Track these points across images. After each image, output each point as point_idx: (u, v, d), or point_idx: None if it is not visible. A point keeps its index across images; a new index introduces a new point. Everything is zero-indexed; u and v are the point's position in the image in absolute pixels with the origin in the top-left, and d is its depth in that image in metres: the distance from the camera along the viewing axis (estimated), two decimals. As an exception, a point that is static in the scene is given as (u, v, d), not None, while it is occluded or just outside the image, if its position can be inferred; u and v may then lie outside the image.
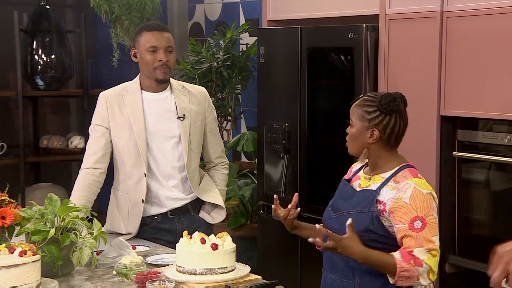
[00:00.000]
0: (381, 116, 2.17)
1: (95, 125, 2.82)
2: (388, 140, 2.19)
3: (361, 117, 2.20)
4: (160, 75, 2.76)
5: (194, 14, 5.00)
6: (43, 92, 4.69)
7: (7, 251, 2.08)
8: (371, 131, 2.18)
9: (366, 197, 2.17)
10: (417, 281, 2.08)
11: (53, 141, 4.75)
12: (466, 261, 2.91)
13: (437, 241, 2.09)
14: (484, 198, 2.91)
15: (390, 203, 2.11)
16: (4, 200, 2.39)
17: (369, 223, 2.12)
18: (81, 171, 2.81)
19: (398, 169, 2.18)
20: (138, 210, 2.78)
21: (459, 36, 2.85)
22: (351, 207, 2.19)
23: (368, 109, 2.19)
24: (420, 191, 2.11)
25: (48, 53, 4.59)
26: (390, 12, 3.11)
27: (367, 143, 2.19)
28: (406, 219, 2.08)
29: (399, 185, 2.13)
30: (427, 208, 2.09)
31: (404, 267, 2.05)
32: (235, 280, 2.20)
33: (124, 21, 4.31)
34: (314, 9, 3.53)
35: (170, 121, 2.79)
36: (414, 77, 3.04)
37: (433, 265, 2.07)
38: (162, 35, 2.75)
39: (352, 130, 2.22)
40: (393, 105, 2.18)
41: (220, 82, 4.28)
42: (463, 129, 2.93)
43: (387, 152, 2.20)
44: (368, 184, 2.21)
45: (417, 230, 2.07)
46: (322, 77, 3.48)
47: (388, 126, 2.17)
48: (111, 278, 2.31)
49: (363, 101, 2.22)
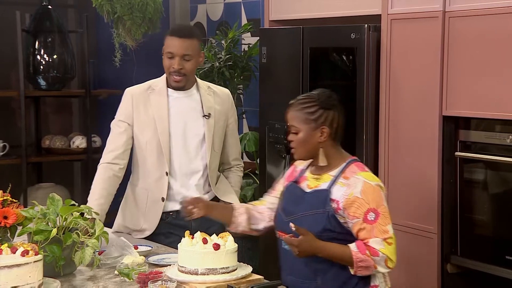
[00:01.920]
0: (325, 113, 2.22)
1: (118, 121, 2.83)
2: (335, 135, 2.24)
3: (305, 120, 2.22)
4: (172, 82, 2.79)
5: (196, 14, 5.00)
6: (45, 92, 4.69)
7: (9, 251, 2.08)
8: (320, 130, 2.22)
9: (318, 198, 2.20)
10: (375, 269, 2.14)
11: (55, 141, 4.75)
12: (468, 261, 2.91)
13: (391, 229, 2.16)
14: (486, 198, 2.90)
15: (343, 200, 2.16)
16: (6, 200, 2.39)
17: (326, 223, 2.16)
18: (100, 165, 2.80)
19: (345, 165, 2.22)
20: (158, 208, 2.79)
21: (461, 36, 2.84)
22: (304, 209, 2.21)
23: (310, 109, 2.22)
24: (370, 184, 2.16)
25: (50, 53, 4.59)
26: (392, 12, 3.11)
27: (318, 143, 2.22)
28: (360, 213, 2.14)
29: (349, 181, 2.18)
30: (378, 199, 2.15)
31: (360, 257, 2.12)
32: (237, 280, 2.20)
33: (126, 21, 4.31)
34: (316, 9, 3.53)
35: (195, 119, 2.82)
36: (416, 77, 3.03)
37: (390, 253, 2.14)
38: (181, 42, 2.74)
39: (299, 135, 2.23)
40: (331, 100, 2.24)
41: (222, 82, 4.28)
42: (465, 129, 2.93)
43: (334, 149, 2.25)
44: (317, 184, 2.24)
45: (371, 222, 2.13)
46: (324, 77, 3.48)
47: (334, 121, 2.23)
48: (113, 278, 2.31)
49: (300, 104, 2.25)
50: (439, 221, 2.98)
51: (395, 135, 3.14)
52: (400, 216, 3.12)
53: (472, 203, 2.94)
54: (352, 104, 3.23)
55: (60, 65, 4.60)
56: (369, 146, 3.21)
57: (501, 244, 2.81)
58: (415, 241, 3.07)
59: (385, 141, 3.17)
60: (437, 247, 2.98)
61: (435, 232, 2.99)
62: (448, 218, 2.97)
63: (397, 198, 3.14)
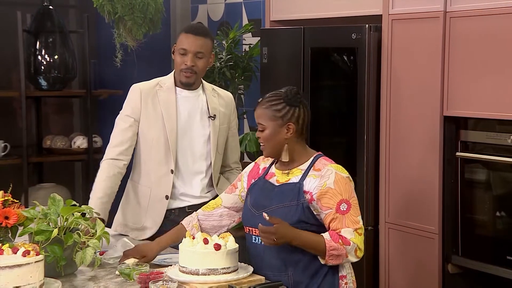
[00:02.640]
0: (292, 110, 2.28)
1: (124, 116, 2.81)
2: (301, 131, 2.30)
3: (272, 117, 2.28)
4: (183, 78, 2.78)
5: (197, 15, 5.00)
6: (46, 92, 4.69)
7: (10, 251, 2.08)
8: (286, 127, 2.28)
9: (291, 190, 2.26)
10: (346, 258, 2.20)
11: (56, 141, 4.75)
12: (469, 262, 2.91)
13: (360, 220, 2.25)
14: (487, 199, 2.90)
15: (317, 191, 2.23)
16: (8, 200, 2.39)
17: (301, 214, 2.22)
18: (104, 161, 2.79)
19: (313, 159, 2.30)
20: (161, 206, 2.78)
21: (462, 36, 2.84)
22: (277, 202, 2.26)
23: (277, 107, 2.28)
24: (341, 175, 2.24)
25: (51, 54, 4.59)
26: (393, 12, 3.11)
27: (285, 139, 2.28)
28: (332, 203, 2.21)
29: (321, 172, 2.25)
30: (349, 190, 2.24)
31: (333, 245, 2.18)
32: (238, 280, 2.20)
33: (127, 22, 4.31)
34: (317, 9, 3.53)
35: (201, 120, 2.82)
36: (417, 77, 3.03)
37: (359, 243, 2.21)
38: (195, 40, 2.75)
39: (266, 132, 2.29)
40: (298, 97, 2.30)
41: (223, 82, 4.28)
42: (466, 130, 2.92)
43: (300, 144, 2.32)
44: (287, 178, 2.30)
45: (343, 213, 2.21)
46: (325, 77, 3.48)
47: (300, 117, 2.29)
48: (114, 278, 2.31)
49: (267, 102, 2.31)
50: (440, 221, 2.98)
51: (396, 135, 3.13)
52: (401, 216, 3.12)
53: (473, 203, 2.94)
54: (353, 104, 3.23)
55: (61, 65, 4.60)
56: (370, 146, 3.21)
57: (502, 244, 2.81)
58: (416, 241, 3.07)
59: (386, 141, 3.17)
60: (438, 247, 2.98)
61: (436, 232, 2.99)
62: (449, 218, 2.97)
63: (398, 198, 3.14)
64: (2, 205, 2.36)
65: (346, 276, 2.29)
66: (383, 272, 3.21)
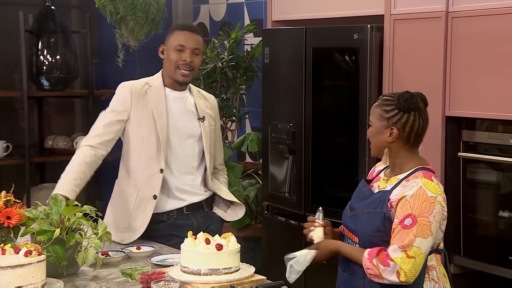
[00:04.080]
0: (399, 114, 2.17)
1: (112, 110, 2.76)
2: (407, 138, 2.18)
3: (380, 116, 2.20)
4: (180, 76, 2.75)
5: (198, 15, 5.00)
6: (48, 92, 4.70)
7: (12, 251, 2.09)
8: (390, 130, 2.18)
9: (380, 198, 2.18)
10: (384, 279, 2.08)
11: (58, 141, 4.76)
12: (471, 262, 2.91)
13: (418, 243, 2.06)
14: (489, 199, 2.90)
15: (395, 199, 2.13)
16: (10, 201, 2.40)
17: (380, 224, 2.14)
18: (83, 147, 2.72)
19: (413, 170, 2.17)
20: (149, 206, 2.74)
21: (464, 37, 2.84)
22: (364, 207, 2.20)
23: (387, 108, 2.19)
24: (425, 191, 2.10)
25: (53, 54, 4.60)
26: (395, 13, 3.11)
27: (387, 142, 2.19)
28: (400, 214, 2.10)
29: (408, 183, 2.14)
30: (424, 209, 2.08)
31: (367, 265, 2.11)
32: (239, 280, 2.20)
33: (129, 22, 4.32)
34: (319, 9, 3.53)
35: (190, 121, 2.81)
36: (419, 78, 3.03)
37: (405, 267, 2.05)
38: (192, 36, 2.75)
39: (370, 129, 2.23)
40: (411, 103, 2.17)
41: (225, 82, 4.28)
42: (468, 130, 2.92)
43: (407, 152, 2.20)
44: (385, 185, 2.22)
45: (404, 227, 2.08)
46: (327, 77, 3.48)
47: (407, 124, 2.17)
48: (116, 278, 2.31)
49: (382, 101, 2.23)
50: (442, 221, 2.98)
51: (398, 136, 3.13)
52: (403, 216, 3.12)
53: (475, 203, 2.94)
54: (354, 104, 3.23)
55: (63, 66, 4.61)
56: (372, 147, 3.20)
57: (504, 245, 2.80)
58: (418, 241, 3.06)
59: (388, 142, 3.17)
60: (440, 248, 2.98)
61: (438, 233, 2.98)
62: (451, 218, 2.95)
63: (400, 198, 3.13)
64: (4, 205, 2.37)
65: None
66: (385, 272, 3.21)
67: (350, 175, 3.21)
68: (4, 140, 4.51)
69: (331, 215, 2.45)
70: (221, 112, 4.22)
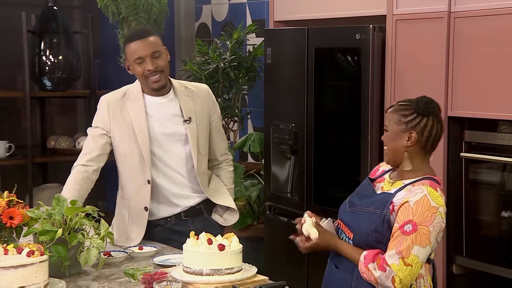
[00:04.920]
0: (419, 118, 2.13)
1: (95, 127, 2.78)
2: (425, 143, 2.14)
3: (398, 121, 2.15)
4: (153, 84, 2.71)
5: (201, 15, 5.00)
6: (50, 92, 4.71)
7: (15, 251, 2.09)
8: (408, 134, 2.14)
9: (383, 199, 2.16)
10: (378, 283, 2.07)
11: (60, 141, 4.77)
12: (473, 262, 2.90)
13: (416, 251, 2.04)
14: (491, 199, 2.90)
15: (398, 203, 2.11)
16: (12, 201, 2.40)
17: (379, 225, 2.12)
18: (74, 168, 2.75)
19: (421, 178, 2.14)
20: (142, 219, 2.74)
21: (467, 37, 2.84)
22: (366, 205, 2.19)
23: (405, 112, 2.15)
24: (429, 201, 2.07)
25: (56, 54, 4.61)
26: (397, 13, 3.11)
27: (405, 147, 2.15)
28: (401, 219, 2.07)
29: (413, 188, 2.11)
30: (425, 217, 2.05)
31: (362, 269, 2.10)
32: (242, 280, 2.20)
33: (131, 22, 4.32)
34: (321, 9, 3.53)
35: (176, 124, 2.76)
36: (421, 78, 3.03)
37: (402, 274, 2.04)
38: (144, 43, 2.69)
39: (387, 134, 2.19)
40: (430, 107, 2.14)
41: (227, 82, 4.28)
42: (470, 130, 2.92)
43: (420, 158, 2.16)
44: (389, 188, 2.19)
45: (404, 233, 2.05)
46: (329, 77, 3.48)
47: (425, 129, 2.13)
48: (118, 278, 2.32)
49: (398, 106, 2.18)
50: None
51: (400, 136, 3.13)
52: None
53: (477, 203, 2.93)
54: (357, 104, 3.23)
55: (65, 66, 4.62)
56: (374, 147, 3.20)
57: (506, 245, 2.80)
58: (420, 242, 3.06)
59: (390, 142, 3.16)
60: (442, 248, 2.97)
61: (440, 233, 2.98)
62: (453, 218, 2.96)
63: (402, 198, 3.13)
64: (6, 205, 2.37)
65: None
66: (387, 273, 3.21)
67: (352, 175, 3.21)
68: (6, 140, 4.52)
69: (332, 215, 2.45)
70: (223, 112, 4.22)
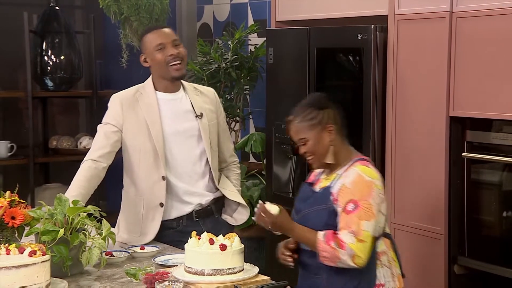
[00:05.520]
0: (323, 112, 2.25)
1: (106, 124, 2.77)
2: (341, 130, 2.27)
3: (310, 126, 2.24)
4: (174, 71, 2.74)
5: (202, 15, 5.00)
6: (52, 92, 4.71)
7: (17, 251, 2.09)
8: (327, 129, 2.24)
9: (323, 195, 2.24)
10: (340, 262, 2.14)
11: (62, 141, 4.77)
12: (476, 263, 2.90)
13: (366, 226, 2.13)
14: (493, 199, 2.89)
15: (337, 190, 2.20)
16: (14, 201, 2.40)
17: (327, 218, 2.19)
18: (85, 162, 2.74)
19: (351, 163, 2.24)
20: (157, 215, 2.73)
21: (469, 37, 2.83)
22: (309, 206, 2.26)
23: (309, 116, 2.25)
24: (363, 177, 2.17)
25: (58, 54, 4.61)
26: (399, 13, 3.11)
27: (330, 142, 2.25)
28: (343, 202, 2.16)
29: (346, 173, 2.21)
30: (364, 193, 2.15)
31: (323, 247, 2.14)
32: (243, 280, 2.20)
33: (133, 22, 4.33)
34: (323, 9, 3.53)
35: (188, 121, 2.78)
36: (423, 78, 3.03)
37: (359, 250, 2.12)
38: (164, 31, 2.78)
39: (309, 143, 2.25)
40: (323, 101, 2.28)
41: (229, 82, 4.28)
42: (472, 130, 2.92)
43: (344, 147, 2.27)
44: (326, 183, 2.28)
45: (348, 212, 2.14)
46: (331, 77, 3.48)
47: (335, 117, 2.26)
48: (120, 278, 2.32)
49: (298, 117, 2.27)
50: (446, 222, 2.97)
51: (402, 136, 3.13)
52: (407, 217, 3.12)
53: (480, 204, 2.93)
54: (358, 104, 3.23)
55: (67, 66, 4.62)
56: (375, 147, 3.20)
57: (509, 245, 2.80)
58: (422, 242, 3.06)
59: (391, 142, 3.16)
60: (444, 248, 2.97)
61: (442, 233, 2.98)
62: (455, 219, 2.96)
63: (404, 199, 3.13)
64: (8, 205, 2.37)
65: (384, 284, 2.23)
66: (389, 273, 3.21)
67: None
68: (8, 140, 4.52)
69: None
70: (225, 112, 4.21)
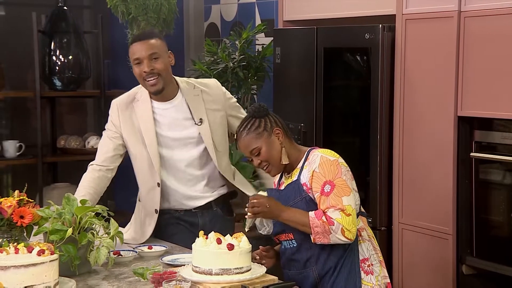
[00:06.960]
0: (264, 119, 2.35)
1: (108, 130, 2.82)
2: (286, 131, 2.38)
3: (257, 135, 2.33)
4: (150, 87, 2.70)
5: (210, 15, 5.01)
6: (60, 92, 4.73)
7: (25, 250, 2.10)
8: (275, 133, 2.34)
9: (293, 189, 2.32)
10: (333, 237, 2.21)
11: (70, 141, 4.78)
12: (484, 263, 2.89)
13: (347, 201, 2.23)
14: (501, 199, 2.88)
15: (308, 179, 2.27)
16: (23, 200, 2.41)
17: (307, 208, 2.27)
18: (90, 166, 2.81)
19: (307, 153, 2.34)
20: (152, 221, 2.77)
21: (477, 36, 2.82)
22: (284, 204, 2.30)
23: (253, 126, 2.34)
24: (326, 157, 2.28)
25: (66, 54, 4.62)
26: (407, 12, 3.10)
27: (281, 144, 2.34)
28: (318, 186, 2.25)
29: (309, 161, 2.30)
30: (334, 172, 2.26)
31: (315, 223, 2.21)
32: (251, 280, 2.20)
33: (141, 22, 4.33)
34: (330, 9, 3.52)
35: (186, 128, 2.75)
36: (431, 78, 3.02)
37: (347, 224, 2.20)
38: (143, 44, 2.66)
39: (263, 151, 2.33)
40: (261, 109, 2.37)
41: (236, 82, 4.28)
42: (480, 130, 2.91)
43: (293, 146, 2.38)
44: (290, 180, 2.35)
45: (327, 194, 2.23)
46: (338, 77, 3.47)
47: (277, 121, 2.37)
48: (127, 277, 2.32)
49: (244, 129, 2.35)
50: (454, 222, 2.96)
51: (410, 136, 3.12)
52: (415, 217, 3.11)
53: (488, 204, 2.92)
54: (366, 104, 3.22)
55: (75, 66, 4.63)
56: (383, 147, 3.20)
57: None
58: (430, 242, 3.05)
59: (399, 142, 3.16)
60: (452, 248, 2.96)
61: (450, 233, 2.97)
62: (463, 219, 2.95)
63: (412, 198, 3.12)
64: (17, 204, 2.38)
65: (368, 258, 2.31)
66: (396, 273, 3.20)
67: (361, 175, 3.20)
68: (17, 140, 4.54)
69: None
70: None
